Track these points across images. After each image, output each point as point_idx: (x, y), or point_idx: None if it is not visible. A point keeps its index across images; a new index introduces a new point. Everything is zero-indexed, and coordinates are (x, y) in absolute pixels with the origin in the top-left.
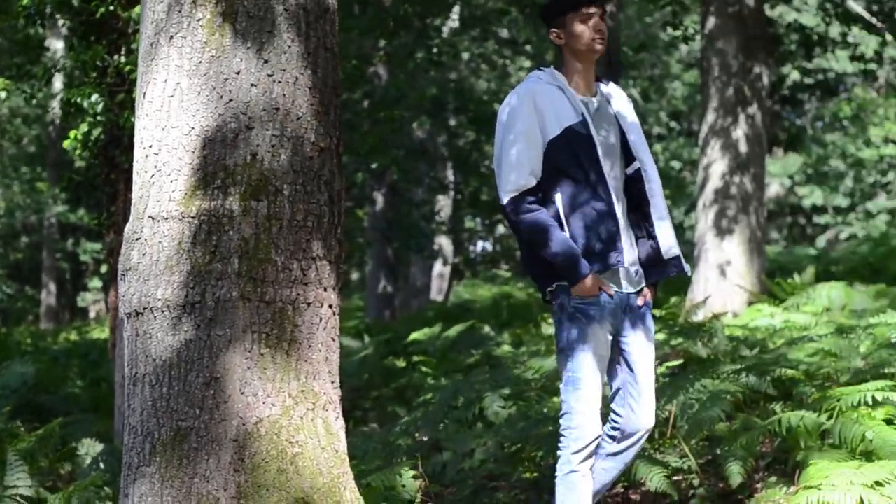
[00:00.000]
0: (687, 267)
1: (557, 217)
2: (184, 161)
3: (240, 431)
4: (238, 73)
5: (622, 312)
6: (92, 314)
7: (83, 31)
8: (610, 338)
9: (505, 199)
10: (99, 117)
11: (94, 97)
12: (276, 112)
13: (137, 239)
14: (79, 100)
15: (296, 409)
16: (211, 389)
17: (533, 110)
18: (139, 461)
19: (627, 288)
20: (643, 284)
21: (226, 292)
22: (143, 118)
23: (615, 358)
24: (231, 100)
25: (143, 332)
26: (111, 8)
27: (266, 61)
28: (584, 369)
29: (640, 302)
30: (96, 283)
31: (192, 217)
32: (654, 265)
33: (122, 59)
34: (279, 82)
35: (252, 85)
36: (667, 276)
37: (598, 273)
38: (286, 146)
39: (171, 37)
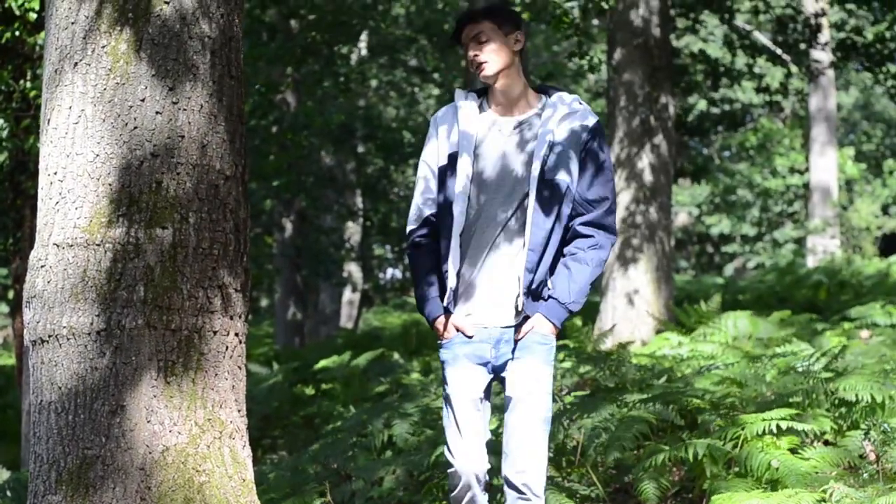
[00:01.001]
0: (553, 306)
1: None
2: (89, 188)
3: (146, 460)
4: (143, 100)
5: (497, 347)
6: None
7: None
8: (481, 378)
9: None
10: (4, 143)
11: (0, 122)
12: (181, 140)
13: (42, 266)
14: None
15: (202, 437)
16: (117, 417)
17: (434, 136)
18: (45, 489)
19: (498, 322)
20: (522, 316)
21: (131, 320)
22: (47, 145)
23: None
24: (136, 127)
25: (49, 360)
26: (17, 33)
27: (171, 89)
28: (448, 413)
29: (517, 336)
30: (3, 308)
31: (98, 244)
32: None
33: (28, 84)
34: (184, 110)
35: (157, 112)
36: (535, 311)
37: (464, 313)
38: (191, 174)
39: (76, 63)
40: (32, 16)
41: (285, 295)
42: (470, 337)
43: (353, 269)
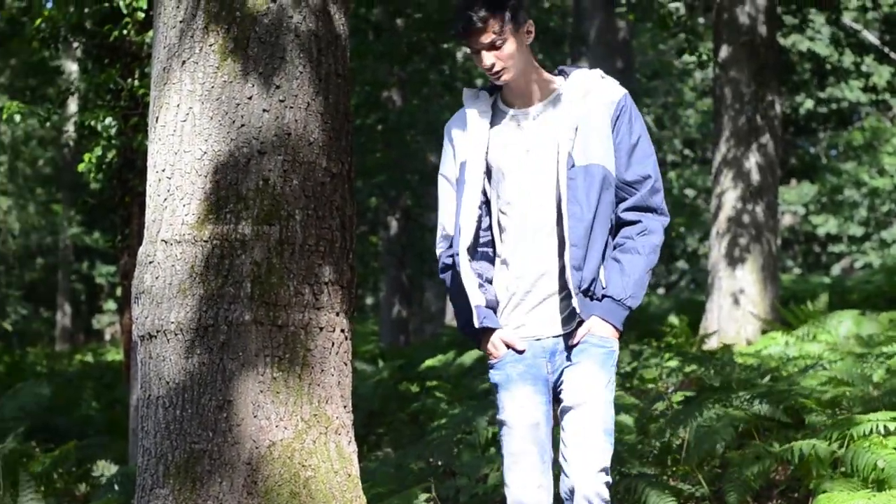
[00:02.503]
0: (609, 306)
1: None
2: (196, 185)
3: (252, 455)
4: (250, 98)
5: (551, 359)
6: (107, 336)
7: (97, 54)
8: (539, 398)
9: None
10: (113, 140)
11: (108, 120)
12: (287, 137)
13: (151, 262)
14: (93, 123)
15: (308, 432)
16: (224, 412)
17: (448, 147)
18: (153, 483)
19: (548, 332)
20: (574, 322)
21: (238, 316)
22: (155, 142)
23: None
24: (243, 125)
25: (157, 355)
26: (124, 32)
27: (278, 87)
28: (505, 441)
29: (572, 342)
30: (111, 305)
31: (205, 241)
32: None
33: (136, 83)
34: (291, 108)
35: (264, 110)
36: (591, 313)
37: (506, 326)
38: (298, 171)
39: (184, 62)
40: (140, 14)
41: (390, 293)
42: (521, 352)
43: None
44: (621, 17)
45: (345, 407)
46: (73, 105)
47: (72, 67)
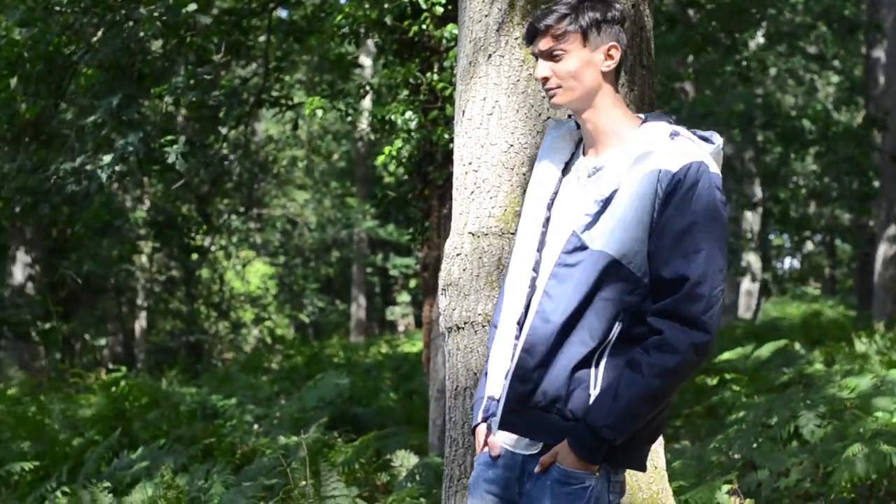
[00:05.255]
0: (580, 432)
1: None
2: (503, 178)
3: None
4: None
5: (521, 480)
6: (400, 328)
7: (396, 49)
8: None
9: None
10: (412, 134)
11: (408, 114)
12: None
13: (458, 254)
14: (392, 117)
15: None
16: None
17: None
18: (460, 473)
19: (517, 445)
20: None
21: None
22: (461, 135)
23: None
24: (549, 118)
25: (464, 346)
26: (423, 27)
27: None
28: None
29: (536, 469)
30: (405, 297)
31: (512, 233)
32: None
33: (435, 77)
34: None
35: None
36: (516, 431)
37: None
38: None
39: (490, 55)
40: (439, 9)
41: None
42: (496, 459)
43: (751, 259)
44: None
45: None
46: (366, 99)
47: (366, 62)
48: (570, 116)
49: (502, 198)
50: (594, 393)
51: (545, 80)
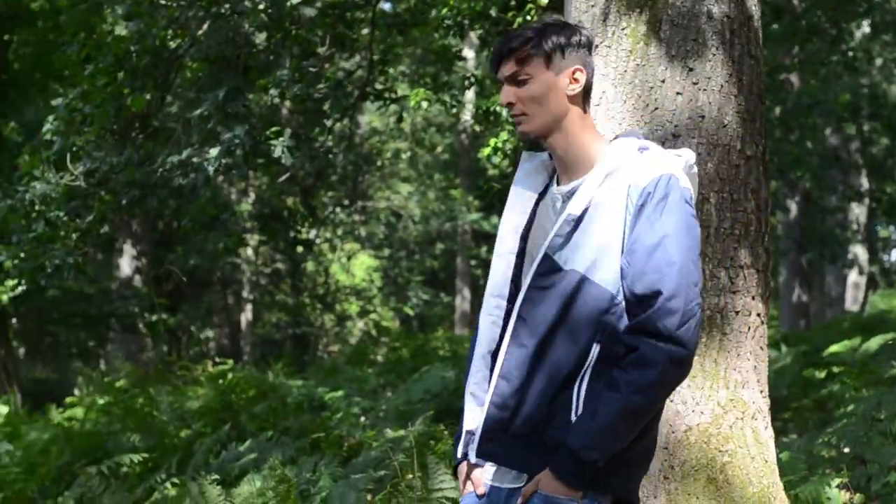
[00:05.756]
0: (562, 457)
1: None
2: None
3: (669, 439)
4: (663, 81)
5: None
6: None
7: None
8: None
9: None
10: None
11: None
12: (701, 120)
13: None
14: (497, 108)
15: (725, 417)
16: None
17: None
18: None
19: (503, 480)
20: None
21: None
22: None
23: None
24: (656, 108)
25: None
26: (527, 18)
27: (691, 69)
28: None
29: (519, 500)
30: None
31: None
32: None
33: None
34: (704, 90)
35: (677, 93)
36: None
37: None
38: (712, 154)
39: (597, 46)
40: (543, 0)
41: (790, 277)
42: (481, 497)
43: (858, 251)
44: None
45: (761, 392)
46: (469, 91)
47: (469, 54)
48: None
49: None
50: (574, 416)
51: (510, 105)
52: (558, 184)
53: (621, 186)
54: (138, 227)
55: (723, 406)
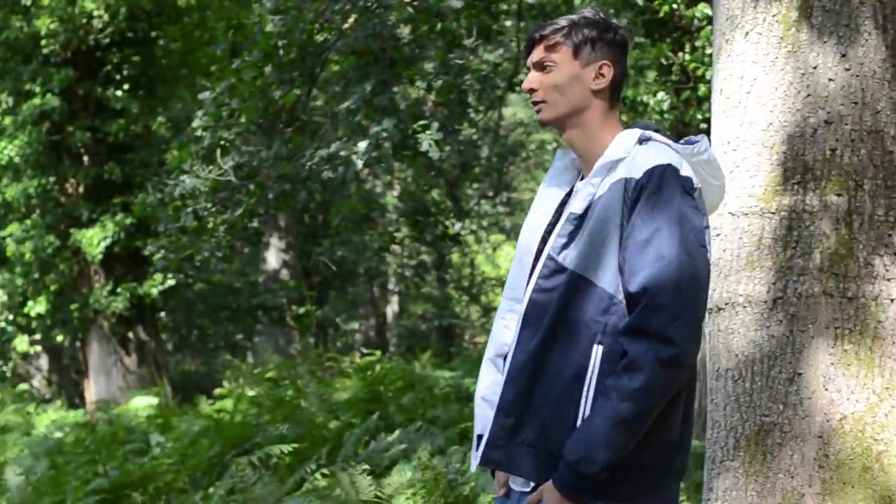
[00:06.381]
0: (561, 468)
1: None
2: (762, 157)
3: (823, 428)
4: (815, 67)
5: None
6: None
7: (645, 30)
8: None
9: None
10: (665, 115)
11: (660, 95)
12: (854, 106)
13: (717, 235)
14: (644, 98)
15: (880, 406)
16: (794, 385)
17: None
18: (723, 455)
19: (516, 483)
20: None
21: (807, 288)
22: (719, 115)
23: None
24: (808, 95)
25: (725, 328)
26: (674, 6)
27: (843, 55)
28: None
29: None
30: None
31: (772, 213)
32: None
33: (686, 57)
34: (857, 76)
35: (829, 79)
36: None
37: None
38: (865, 141)
39: (747, 33)
40: None
41: None
42: (505, 497)
43: None
44: None
45: None
46: None
47: None
48: None
49: (762, 177)
50: (580, 422)
51: (531, 91)
52: (582, 179)
53: (618, 180)
54: (285, 220)
55: (878, 394)
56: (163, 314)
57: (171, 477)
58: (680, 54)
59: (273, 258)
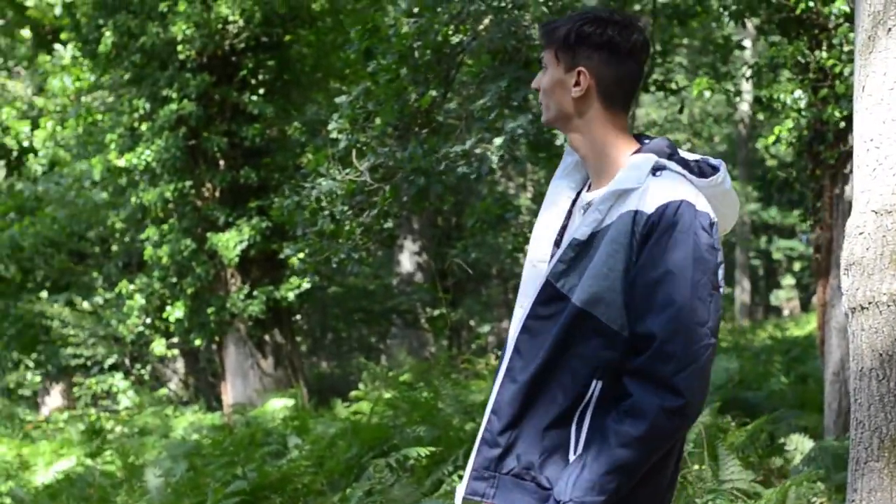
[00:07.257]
0: None
1: None
2: None
3: None
4: None
5: None
6: (785, 311)
7: (782, 28)
8: None
9: None
10: (803, 113)
11: (797, 93)
12: None
13: (861, 233)
14: (781, 96)
15: None
16: None
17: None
18: (867, 456)
19: None
20: None
21: None
22: (861, 112)
23: None
24: None
25: (869, 327)
26: (810, 4)
27: None
28: None
29: None
30: (789, 280)
31: None
32: None
33: (824, 54)
34: None
35: None
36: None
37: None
38: None
39: (890, 29)
40: None
41: None
42: None
43: None
44: None
45: None
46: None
47: (745, 43)
48: None
49: None
50: (573, 457)
51: (538, 91)
52: (589, 189)
53: (627, 212)
54: (419, 223)
55: None
56: (298, 317)
57: (309, 479)
58: (817, 52)
59: (407, 261)
